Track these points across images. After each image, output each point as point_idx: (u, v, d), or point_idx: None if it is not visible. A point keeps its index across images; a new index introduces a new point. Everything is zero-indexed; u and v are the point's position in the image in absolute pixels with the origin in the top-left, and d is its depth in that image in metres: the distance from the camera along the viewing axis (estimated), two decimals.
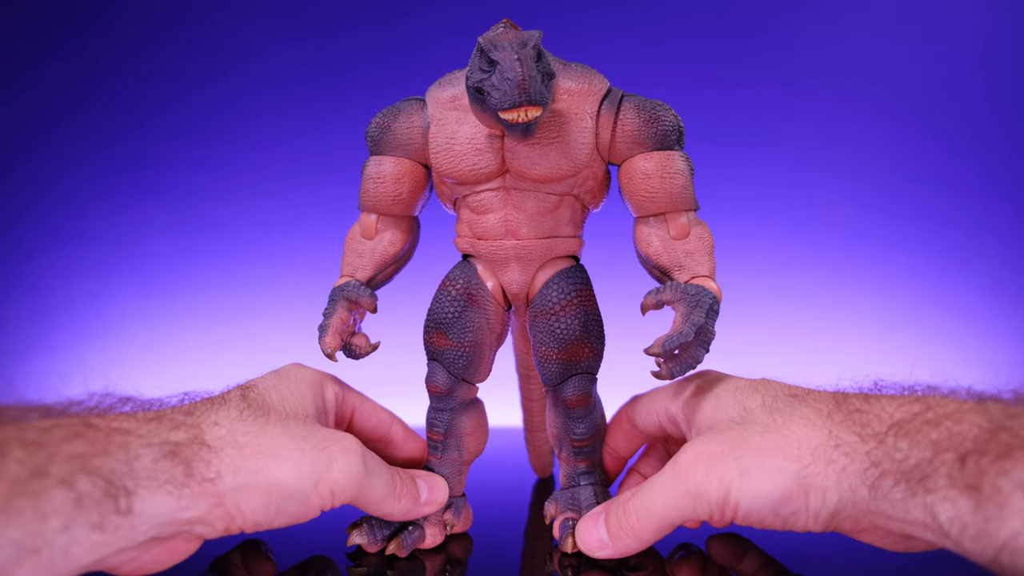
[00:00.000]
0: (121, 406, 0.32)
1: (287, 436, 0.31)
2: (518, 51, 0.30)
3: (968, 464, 0.25)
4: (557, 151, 0.34)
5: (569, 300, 0.36)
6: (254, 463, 0.29)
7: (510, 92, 0.30)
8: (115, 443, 0.27)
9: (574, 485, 0.39)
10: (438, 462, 0.39)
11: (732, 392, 0.33)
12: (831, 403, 0.30)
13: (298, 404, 0.34)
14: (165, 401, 0.33)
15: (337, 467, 0.31)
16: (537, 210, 0.36)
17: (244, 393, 0.33)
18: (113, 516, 0.25)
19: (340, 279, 0.39)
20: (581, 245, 0.38)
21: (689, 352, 0.34)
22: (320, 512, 0.31)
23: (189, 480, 0.28)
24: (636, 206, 0.36)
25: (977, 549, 0.24)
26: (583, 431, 0.38)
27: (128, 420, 0.29)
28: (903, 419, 0.28)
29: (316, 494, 0.30)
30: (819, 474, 0.28)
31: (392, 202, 0.38)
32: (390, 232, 0.39)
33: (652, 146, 0.35)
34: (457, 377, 0.38)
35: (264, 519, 0.30)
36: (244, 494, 0.29)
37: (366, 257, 0.39)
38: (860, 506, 0.27)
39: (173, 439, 0.28)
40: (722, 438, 0.31)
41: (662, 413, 0.38)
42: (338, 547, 0.37)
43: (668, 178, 0.35)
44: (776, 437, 0.29)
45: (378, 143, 0.38)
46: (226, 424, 0.30)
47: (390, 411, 0.41)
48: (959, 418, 0.27)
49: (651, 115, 0.35)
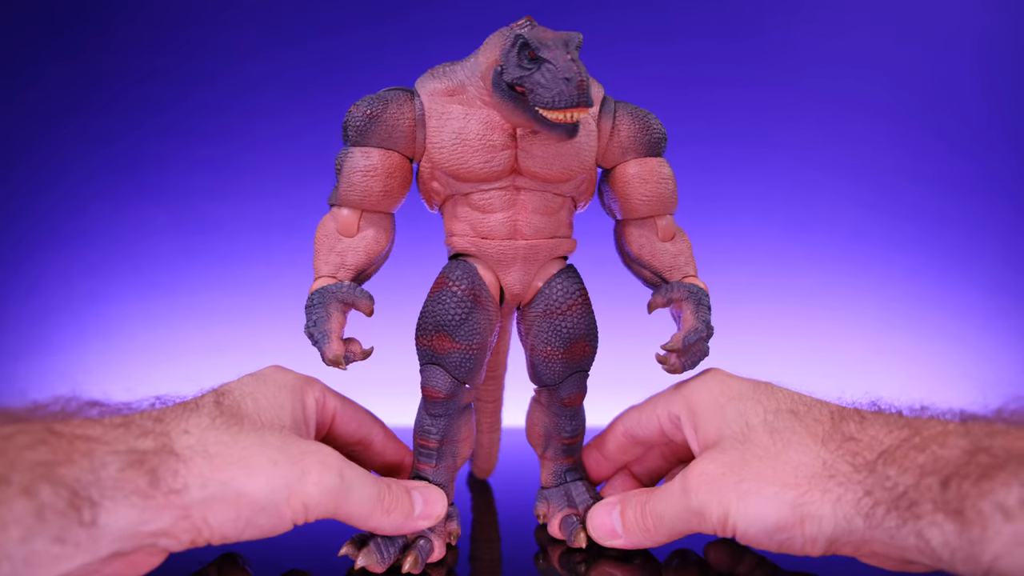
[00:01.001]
0: (88, 410, 0.30)
1: (260, 447, 0.29)
2: (570, 50, 0.30)
3: (951, 488, 0.25)
4: (570, 152, 0.35)
5: (574, 299, 0.37)
6: (224, 474, 0.28)
7: (567, 92, 0.29)
8: (79, 451, 0.26)
9: (562, 483, 0.40)
10: (433, 471, 0.37)
11: (736, 402, 0.34)
12: (828, 424, 0.31)
13: (275, 413, 0.33)
14: (134, 406, 0.32)
15: (311, 480, 0.29)
16: (544, 210, 0.36)
17: (218, 399, 0.32)
18: (76, 528, 0.24)
19: (319, 280, 0.36)
20: (575, 245, 0.39)
21: (698, 346, 0.37)
22: (294, 526, 0.30)
23: (154, 491, 0.26)
24: (628, 209, 0.38)
25: (968, 572, 0.24)
26: (573, 429, 0.39)
27: (94, 426, 0.28)
28: (892, 446, 0.28)
29: (288, 508, 0.29)
30: (815, 503, 0.28)
31: (382, 197, 0.36)
32: (373, 230, 0.36)
33: (644, 152, 0.37)
34: (460, 381, 0.36)
35: (233, 532, 0.29)
36: (212, 506, 0.27)
37: (348, 256, 0.36)
38: (856, 535, 0.28)
39: (140, 447, 0.27)
40: (724, 458, 0.31)
41: (664, 417, 0.38)
42: (318, 560, 0.36)
43: (662, 183, 0.37)
44: (774, 463, 0.30)
45: (364, 134, 0.35)
46: (196, 433, 0.29)
47: (372, 413, 0.40)
48: (943, 441, 0.27)
49: (644, 123, 0.37)
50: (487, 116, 0.34)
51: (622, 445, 0.40)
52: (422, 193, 0.38)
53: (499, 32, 0.33)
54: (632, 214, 0.38)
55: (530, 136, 0.34)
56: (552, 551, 0.38)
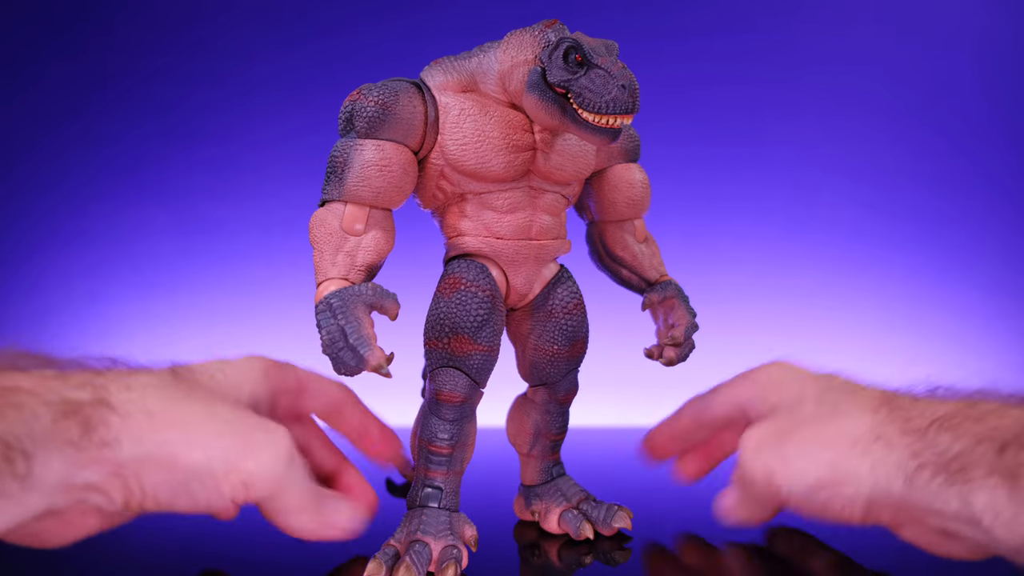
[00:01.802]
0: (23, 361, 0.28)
1: (207, 415, 0.28)
2: (617, 58, 0.31)
3: (1007, 454, 0.25)
4: (582, 155, 0.36)
5: (578, 299, 0.38)
6: (160, 435, 0.26)
7: (621, 98, 0.30)
8: (9, 403, 0.24)
9: (550, 479, 0.41)
10: (444, 478, 0.35)
11: (795, 380, 0.36)
12: (880, 399, 0.32)
13: (233, 390, 0.31)
14: (83, 363, 0.30)
15: (255, 459, 0.28)
16: (552, 211, 0.37)
17: (176, 369, 0.30)
18: (9, 481, 0.23)
19: (331, 283, 0.32)
20: (571, 245, 0.39)
21: (689, 339, 0.40)
22: (234, 507, 0.29)
23: (85, 442, 0.25)
24: (610, 211, 0.40)
25: (1007, 538, 0.25)
26: (562, 425, 0.40)
27: (26, 378, 0.26)
28: (947, 415, 0.29)
29: (227, 482, 0.27)
30: (853, 464, 0.29)
31: (395, 193, 0.33)
32: (381, 228, 0.34)
33: (627, 157, 0.40)
34: (478, 383, 0.35)
35: (166, 498, 0.27)
36: (145, 466, 0.26)
37: (359, 256, 0.33)
38: (895, 497, 0.28)
39: (74, 397, 0.26)
40: (772, 426, 0.33)
41: (728, 401, 0.39)
42: None
43: (645, 187, 0.40)
44: (819, 427, 0.31)
45: (376, 125, 0.33)
46: (138, 389, 0.27)
47: (347, 387, 0.39)
48: (1002, 413, 0.28)
49: (628, 132, 0.40)
50: (507, 115, 0.34)
51: (688, 428, 0.41)
52: (421, 191, 0.36)
53: (525, 32, 0.33)
54: (612, 216, 0.40)
55: (548, 138, 0.34)
56: (548, 547, 0.38)
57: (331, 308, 0.31)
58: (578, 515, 0.38)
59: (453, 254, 0.37)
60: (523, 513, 0.41)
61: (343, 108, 0.34)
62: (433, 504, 0.35)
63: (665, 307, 0.41)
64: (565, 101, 0.31)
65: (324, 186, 0.33)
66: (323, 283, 0.32)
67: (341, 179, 0.33)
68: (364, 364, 0.30)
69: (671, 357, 0.39)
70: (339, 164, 0.33)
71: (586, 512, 0.39)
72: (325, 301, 0.31)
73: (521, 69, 0.32)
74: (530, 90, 0.32)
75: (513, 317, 0.39)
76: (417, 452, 0.36)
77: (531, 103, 0.32)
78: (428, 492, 0.35)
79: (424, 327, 0.35)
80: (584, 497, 0.40)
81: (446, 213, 0.37)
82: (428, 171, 0.35)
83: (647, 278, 0.41)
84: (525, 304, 0.38)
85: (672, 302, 0.40)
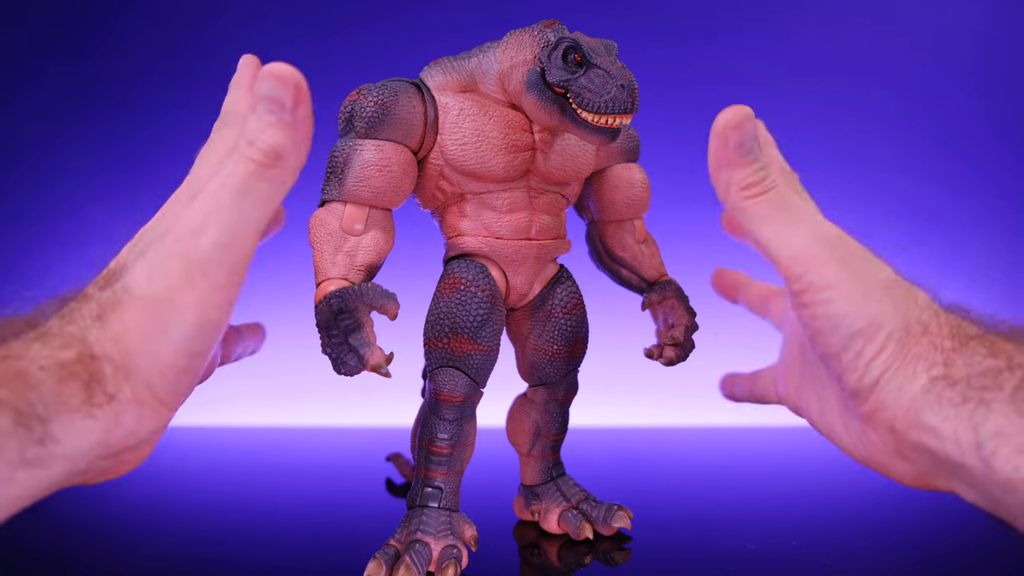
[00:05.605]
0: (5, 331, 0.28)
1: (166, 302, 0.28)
2: (616, 58, 0.31)
3: None
4: (581, 155, 0.36)
5: (578, 299, 0.38)
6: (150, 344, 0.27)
7: (621, 98, 0.30)
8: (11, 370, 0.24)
9: (550, 479, 0.41)
10: (444, 478, 0.35)
11: None
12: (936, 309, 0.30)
13: None
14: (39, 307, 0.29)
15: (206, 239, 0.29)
16: (552, 211, 0.37)
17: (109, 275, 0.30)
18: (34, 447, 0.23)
19: (330, 283, 0.32)
20: (571, 245, 0.39)
21: (689, 339, 0.40)
22: None
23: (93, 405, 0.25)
24: (611, 211, 0.40)
25: (1004, 470, 0.23)
26: (562, 425, 0.40)
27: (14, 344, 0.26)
28: (996, 337, 0.27)
29: None
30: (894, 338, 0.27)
31: (394, 193, 0.33)
32: (380, 228, 0.33)
33: (627, 158, 0.40)
34: (477, 383, 0.35)
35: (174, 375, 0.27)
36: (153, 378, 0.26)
37: (359, 256, 0.33)
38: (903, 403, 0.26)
39: (64, 358, 0.25)
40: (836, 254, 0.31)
41: None
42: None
43: (645, 187, 0.40)
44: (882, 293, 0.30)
45: (376, 126, 0.33)
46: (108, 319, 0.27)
47: None
48: None
49: (627, 132, 0.40)
50: (506, 115, 0.34)
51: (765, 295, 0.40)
52: (420, 191, 0.36)
53: (524, 32, 0.33)
54: (613, 216, 0.40)
55: (548, 138, 0.34)
56: (548, 546, 0.38)
57: (331, 308, 0.30)
58: (578, 515, 0.39)
59: (453, 254, 0.37)
60: (523, 513, 0.41)
61: (343, 108, 0.34)
62: (433, 504, 0.35)
63: (665, 307, 0.40)
64: (564, 101, 0.31)
65: (324, 186, 0.33)
66: (323, 283, 0.32)
67: (341, 179, 0.33)
68: (364, 364, 0.30)
69: (671, 357, 0.39)
70: (339, 164, 0.33)
71: (586, 512, 0.39)
72: (325, 301, 0.31)
73: (520, 69, 0.32)
74: (529, 90, 0.32)
75: (513, 317, 0.39)
76: (417, 452, 0.36)
77: (530, 103, 0.32)
78: (428, 492, 0.35)
79: (424, 327, 0.35)
80: (584, 497, 0.40)
81: (446, 213, 0.37)
82: (428, 171, 0.35)
83: (647, 278, 0.41)
84: (525, 304, 0.38)
85: (672, 302, 0.40)
